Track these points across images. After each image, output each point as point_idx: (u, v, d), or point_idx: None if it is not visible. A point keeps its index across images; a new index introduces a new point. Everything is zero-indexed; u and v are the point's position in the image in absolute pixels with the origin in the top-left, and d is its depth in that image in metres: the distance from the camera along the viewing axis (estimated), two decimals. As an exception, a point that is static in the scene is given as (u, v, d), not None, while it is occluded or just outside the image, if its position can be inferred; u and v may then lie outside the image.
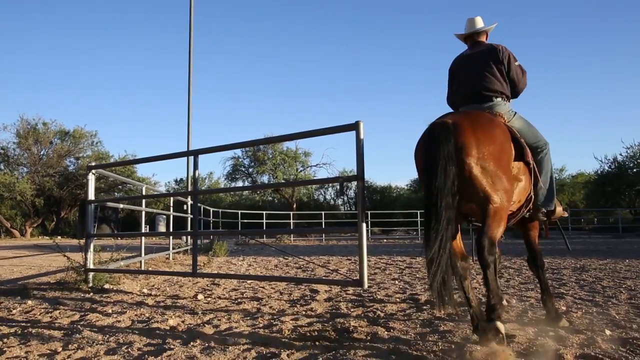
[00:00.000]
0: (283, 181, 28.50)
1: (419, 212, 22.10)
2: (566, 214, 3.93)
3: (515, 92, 3.49)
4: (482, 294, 4.57)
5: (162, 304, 4.45)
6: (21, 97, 57.31)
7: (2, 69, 53.13)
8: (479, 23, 3.63)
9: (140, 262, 7.34)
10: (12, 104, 48.79)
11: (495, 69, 3.39)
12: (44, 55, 59.56)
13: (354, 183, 3.77)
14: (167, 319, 3.67)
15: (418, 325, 3.38)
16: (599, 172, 31.38)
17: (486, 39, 3.66)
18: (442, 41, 67.95)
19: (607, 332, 3.05)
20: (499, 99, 3.35)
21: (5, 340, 3.07)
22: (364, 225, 3.64)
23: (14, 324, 3.58)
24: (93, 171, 5.65)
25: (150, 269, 7.31)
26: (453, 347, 2.74)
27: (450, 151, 2.63)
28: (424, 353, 2.59)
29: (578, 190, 36.36)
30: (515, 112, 3.39)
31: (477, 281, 5.49)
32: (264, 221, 20.50)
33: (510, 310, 3.85)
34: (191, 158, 4.93)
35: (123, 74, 65.09)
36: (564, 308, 3.93)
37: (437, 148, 2.65)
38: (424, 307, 4.07)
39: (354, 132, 3.71)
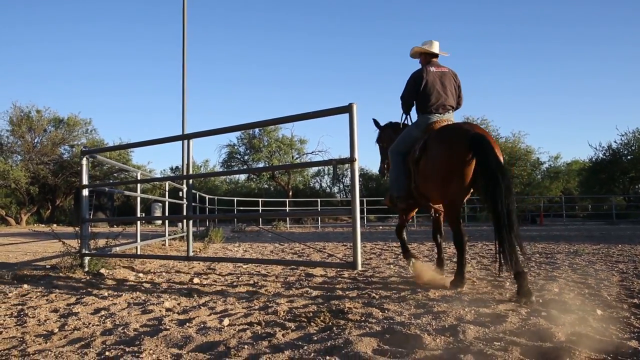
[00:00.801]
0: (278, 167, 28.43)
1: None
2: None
3: (458, 108, 4.72)
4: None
5: (158, 287, 4.46)
6: (15, 86, 56.81)
7: (-6, 56, 52.57)
8: (438, 47, 4.64)
9: (136, 247, 7.34)
10: (5, 93, 48.37)
11: (455, 89, 4.61)
12: (37, 46, 58.95)
13: (350, 172, 3.78)
14: (163, 302, 3.69)
15: (412, 307, 3.41)
16: (594, 159, 31.54)
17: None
18: (446, 31, 67.64)
19: (599, 311, 3.09)
20: (452, 111, 4.61)
21: (1, 321, 3.09)
22: (358, 206, 3.66)
23: (10, 306, 3.59)
24: (87, 156, 5.62)
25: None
26: (447, 326, 2.77)
27: (502, 160, 3.70)
28: (418, 332, 2.61)
29: (573, 178, 36.55)
30: None
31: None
32: (260, 208, 20.54)
33: (505, 293, 3.88)
34: (192, 142, 4.90)
35: (118, 64, 64.59)
36: (557, 290, 3.97)
37: (493, 153, 3.64)
38: (418, 290, 4.10)
39: (347, 116, 3.71)
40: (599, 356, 2.19)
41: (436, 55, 4.63)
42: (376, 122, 5.48)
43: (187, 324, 2.98)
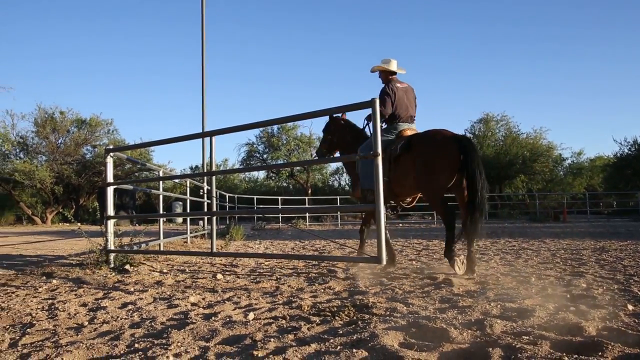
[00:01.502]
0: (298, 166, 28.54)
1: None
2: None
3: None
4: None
5: (182, 283, 4.52)
6: (38, 85, 58.04)
7: (21, 58, 53.76)
8: (396, 65, 5.34)
9: (159, 245, 7.44)
10: (30, 93, 49.53)
11: (414, 102, 5.38)
12: (59, 45, 60.10)
13: (373, 167, 3.76)
14: (188, 296, 3.73)
15: (437, 302, 3.39)
16: (618, 154, 30.86)
17: None
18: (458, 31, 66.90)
19: (630, 307, 3.03)
20: (414, 121, 5.35)
21: (34, 315, 3.17)
22: (382, 201, 3.65)
23: (41, 300, 3.68)
24: (111, 154, 5.72)
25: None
26: (473, 320, 2.74)
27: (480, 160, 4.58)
28: (444, 326, 2.59)
29: (596, 174, 35.85)
30: None
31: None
32: (279, 206, 20.60)
33: (531, 288, 3.83)
34: (207, 140, 4.97)
35: (138, 64, 65.44)
36: (585, 285, 3.91)
37: (476, 155, 4.50)
38: (442, 285, 4.07)
39: (369, 111, 3.72)
40: (632, 351, 2.15)
41: (394, 73, 5.38)
42: (332, 117, 5.87)
43: (213, 318, 3.01)
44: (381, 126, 5.14)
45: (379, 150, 3.68)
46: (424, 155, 4.62)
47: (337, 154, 5.85)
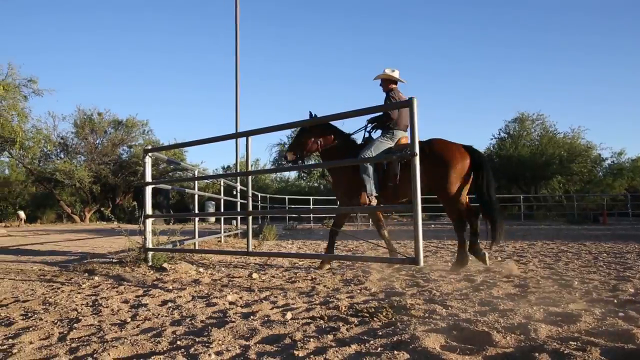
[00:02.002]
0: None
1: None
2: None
3: None
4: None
5: (218, 282, 4.58)
6: (78, 89, 59.94)
7: (58, 60, 55.65)
8: (398, 74, 5.52)
9: (194, 244, 7.57)
10: (69, 96, 51.30)
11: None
12: (94, 48, 61.90)
13: (411, 166, 3.72)
14: (226, 295, 3.78)
15: (476, 304, 3.32)
16: (663, 154, 29.59)
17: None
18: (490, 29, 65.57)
19: (683, 313, 2.90)
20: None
21: (79, 310, 3.27)
22: (419, 201, 3.61)
23: (85, 296, 3.80)
24: (149, 154, 5.85)
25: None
26: (515, 324, 2.67)
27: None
28: (486, 329, 2.54)
29: (638, 174, 34.52)
30: None
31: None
32: (311, 206, 20.65)
33: (574, 292, 3.72)
34: (242, 141, 5.04)
35: (171, 64, 66.77)
36: (632, 290, 3.76)
37: (488, 166, 5.20)
38: (481, 288, 3.99)
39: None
40: (688, 359, 2.05)
41: (396, 82, 5.58)
42: (312, 115, 5.62)
43: (252, 317, 3.04)
44: (386, 132, 5.48)
45: (417, 150, 3.64)
46: (442, 164, 5.04)
47: (310, 158, 5.79)
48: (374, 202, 5.31)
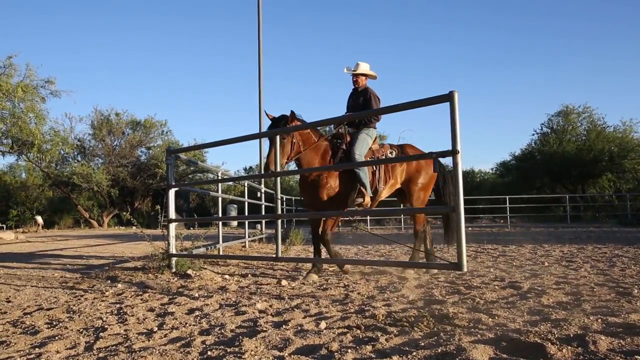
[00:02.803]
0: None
1: (507, 197, 21.28)
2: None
3: None
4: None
5: (246, 289, 4.62)
6: (94, 90, 61.39)
7: (75, 60, 57.15)
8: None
9: (218, 249, 7.65)
10: (86, 96, 52.64)
11: None
12: (109, 49, 63.32)
13: (452, 165, 3.68)
14: (255, 303, 3.80)
15: (525, 313, 3.26)
16: None
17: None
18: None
19: None
20: None
21: (104, 319, 3.34)
22: (462, 201, 3.57)
23: (109, 304, 3.88)
24: (172, 155, 5.93)
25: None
26: (571, 335, 2.61)
27: None
28: (539, 340, 2.48)
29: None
30: None
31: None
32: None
33: (634, 301, 3.61)
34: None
35: (191, 63, 67.78)
36: (698, 298, 3.63)
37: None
38: (528, 295, 3.92)
39: (446, 106, 3.64)
40: None
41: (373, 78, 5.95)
42: (294, 116, 5.29)
43: (284, 326, 3.05)
44: (368, 128, 5.70)
45: (458, 147, 3.59)
46: (422, 170, 5.82)
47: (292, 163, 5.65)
48: (368, 201, 5.56)
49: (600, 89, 60.65)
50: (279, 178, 4.75)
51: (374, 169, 5.63)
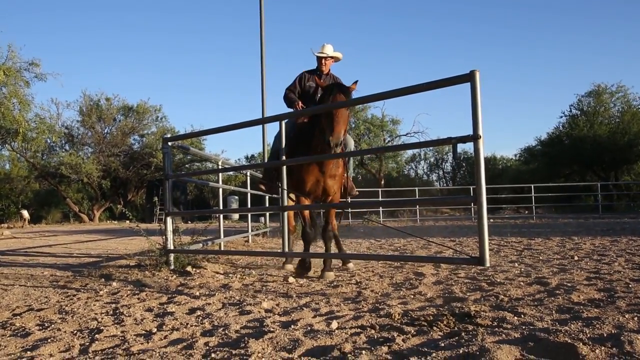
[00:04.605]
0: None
1: (532, 186, 21.22)
2: None
3: None
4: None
5: (250, 286, 4.66)
6: (84, 75, 61.57)
7: (64, 46, 57.29)
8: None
9: (220, 244, 7.70)
10: (75, 82, 52.72)
11: None
12: (101, 32, 63.38)
13: (474, 151, 3.68)
14: (260, 302, 3.84)
15: (553, 311, 3.27)
16: None
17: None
18: None
19: None
20: None
21: (99, 320, 3.38)
22: (484, 191, 3.57)
23: (104, 304, 3.93)
24: (169, 143, 5.97)
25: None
26: (605, 335, 2.62)
27: None
28: (569, 340, 2.49)
29: None
30: None
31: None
32: (349, 199, 20.63)
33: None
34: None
35: (187, 42, 67.75)
36: None
37: None
38: (557, 292, 3.93)
39: (467, 86, 3.63)
40: None
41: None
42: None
43: (292, 326, 3.08)
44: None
45: (479, 131, 3.58)
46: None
47: None
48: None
49: (635, 66, 60.01)
50: (284, 167, 4.76)
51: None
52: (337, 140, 4.71)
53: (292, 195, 5.84)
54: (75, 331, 3.11)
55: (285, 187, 4.95)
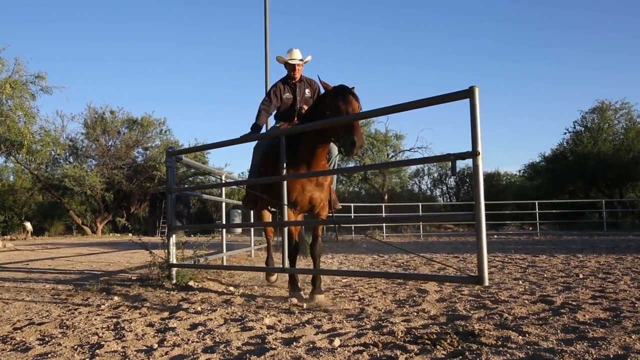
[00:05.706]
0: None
1: (536, 202, 21.16)
2: None
3: None
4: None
5: (252, 302, 4.64)
6: (89, 87, 62.00)
7: (70, 58, 57.83)
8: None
9: (222, 258, 7.68)
10: (79, 92, 52.96)
11: None
12: (107, 45, 63.97)
13: (473, 167, 3.67)
14: (262, 318, 3.81)
15: (558, 331, 3.24)
16: None
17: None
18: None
19: None
20: None
21: (100, 335, 3.37)
22: (483, 208, 3.56)
23: (105, 319, 3.91)
24: (172, 157, 5.98)
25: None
26: (611, 356, 2.59)
27: None
28: (575, 361, 2.47)
29: None
30: None
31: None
32: (352, 214, 20.59)
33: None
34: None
35: (191, 55, 68.27)
36: None
37: None
38: (562, 311, 3.89)
39: (466, 102, 3.65)
40: None
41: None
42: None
43: (294, 344, 3.05)
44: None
45: (479, 147, 3.58)
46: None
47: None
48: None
49: (639, 82, 60.06)
50: (285, 182, 4.74)
51: None
52: (362, 142, 4.49)
53: (272, 208, 5.91)
54: (76, 346, 3.10)
55: (286, 201, 4.88)
